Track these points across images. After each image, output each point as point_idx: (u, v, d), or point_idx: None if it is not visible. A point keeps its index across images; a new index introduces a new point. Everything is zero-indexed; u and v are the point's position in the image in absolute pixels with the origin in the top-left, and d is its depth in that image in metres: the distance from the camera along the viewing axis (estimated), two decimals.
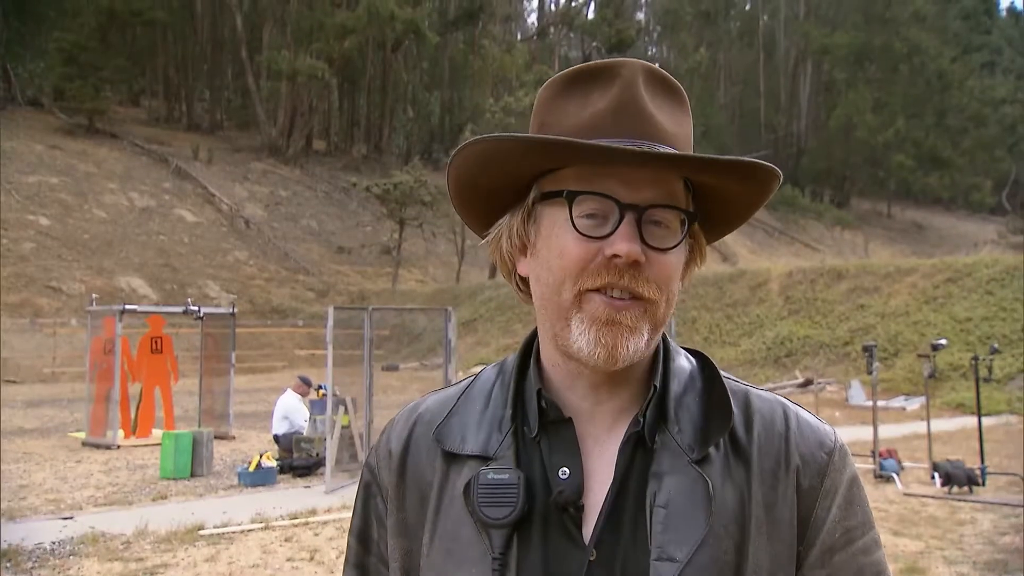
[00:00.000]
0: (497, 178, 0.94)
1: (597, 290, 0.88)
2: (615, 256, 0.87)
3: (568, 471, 0.91)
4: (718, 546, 0.86)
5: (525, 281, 0.98)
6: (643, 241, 0.88)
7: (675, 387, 0.95)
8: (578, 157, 0.89)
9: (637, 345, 0.89)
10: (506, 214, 0.97)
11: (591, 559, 0.88)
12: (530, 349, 1.00)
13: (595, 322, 0.88)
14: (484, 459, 0.93)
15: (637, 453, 0.92)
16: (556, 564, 0.88)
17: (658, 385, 0.94)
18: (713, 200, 0.95)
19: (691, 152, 0.93)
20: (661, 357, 0.96)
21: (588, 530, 0.89)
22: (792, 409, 0.98)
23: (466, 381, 1.04)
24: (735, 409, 0.94)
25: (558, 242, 0.90)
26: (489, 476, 0.90)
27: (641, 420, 0.92)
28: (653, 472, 0.89)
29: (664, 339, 0.98)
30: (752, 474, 0.91)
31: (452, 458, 0.95)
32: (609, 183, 0.88)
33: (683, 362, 0.99)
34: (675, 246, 0.90)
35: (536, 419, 0.94)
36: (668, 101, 0.93)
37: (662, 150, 0.89)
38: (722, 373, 0.98)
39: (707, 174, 0.91)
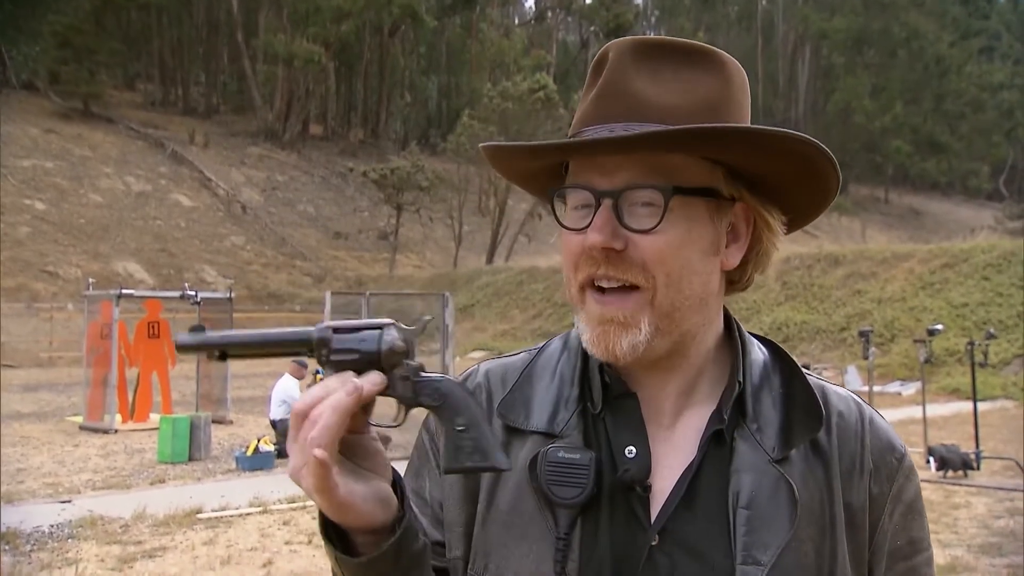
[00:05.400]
0: (521, 169, 0.97)
1: (591, 284, 0.87)
2: (592, 247, 0.85)
3: (635, 450, 0.89)
4: (800, 549, 0.85)
5: None
6: (625, 226, 0.85)
7: (751, 381, 0.92)
8: (548, 157, 0.90)
9: (633, 341, 0.86)
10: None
11: (653, 544, 0.86)
12: None
13: (590, 321, 0.88)
14: (548, 436, 0.91)
15: (711, 445, 0.89)
16: (618, 546, 0.87)
17: (742, 381, 0.91)
18: (764, 182, 0.90)
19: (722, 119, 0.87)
20: (740, 349, 0.93)
21: (654, 513, 0.87)
22: (867, 410, 0.96)
23: (525, 354, 1.02)
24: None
25: (562, 239, 0.90)
26: (560, 454, 0.88)
27: (725, 418, 0.90)
28: (733, 469, 0.87)
29: (739, 329, 0.96)
30: (832, 475, 0.89)
31: (514, 432, 0.93)
32: (588, 174, 0.87)
33: (757, 354, 0.96)
34: (656, 226, 0.85)
35: (600, 394, 0.93)
36: (668, 67, 0.88)
37: (639, 130, 0.84)
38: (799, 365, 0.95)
39: (671, 148, 0.84)
